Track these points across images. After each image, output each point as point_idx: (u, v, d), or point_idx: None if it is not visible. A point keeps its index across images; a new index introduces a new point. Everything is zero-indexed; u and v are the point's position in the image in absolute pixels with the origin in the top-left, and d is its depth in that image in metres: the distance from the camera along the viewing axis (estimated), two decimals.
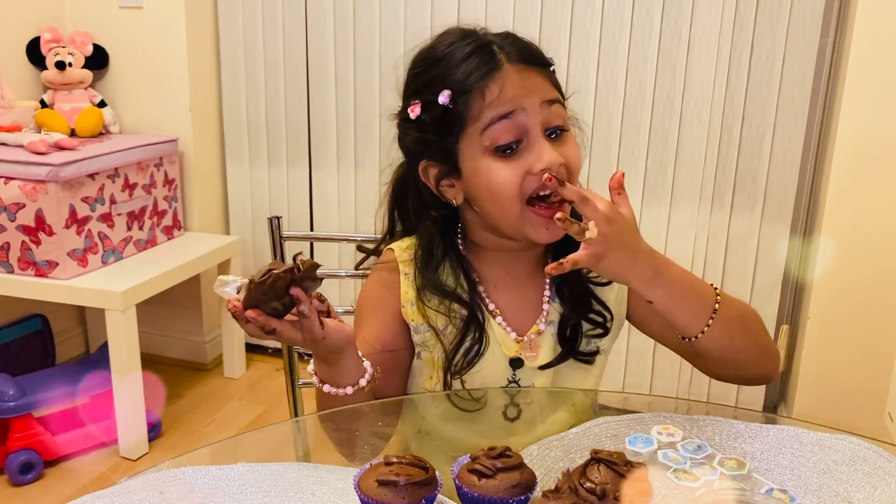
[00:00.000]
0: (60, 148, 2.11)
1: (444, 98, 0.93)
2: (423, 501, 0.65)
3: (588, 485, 0.64)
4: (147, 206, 2.34)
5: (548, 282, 1.04)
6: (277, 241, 1.27)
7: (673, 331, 0.93)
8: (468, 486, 0.68)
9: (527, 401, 1.03)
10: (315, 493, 0.77)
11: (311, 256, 2.48)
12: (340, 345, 0.85)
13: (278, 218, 1.27)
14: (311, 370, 0.90)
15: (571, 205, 0.87)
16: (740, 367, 0.97)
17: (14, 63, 2.38)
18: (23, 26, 2.40)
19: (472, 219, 1.02)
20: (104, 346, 2.11)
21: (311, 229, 2.58)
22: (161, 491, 0.76)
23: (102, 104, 2.44)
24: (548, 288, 1.04)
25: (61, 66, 2.36)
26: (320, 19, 2.39)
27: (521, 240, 0.98)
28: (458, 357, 0.99)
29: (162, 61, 2.44)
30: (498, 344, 1.01)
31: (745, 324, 0.94)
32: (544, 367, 1.02)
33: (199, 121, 2.51)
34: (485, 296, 1.02)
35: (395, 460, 0.66)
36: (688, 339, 0.91)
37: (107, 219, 2.19)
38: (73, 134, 2.31)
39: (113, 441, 2.11)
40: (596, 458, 0.67)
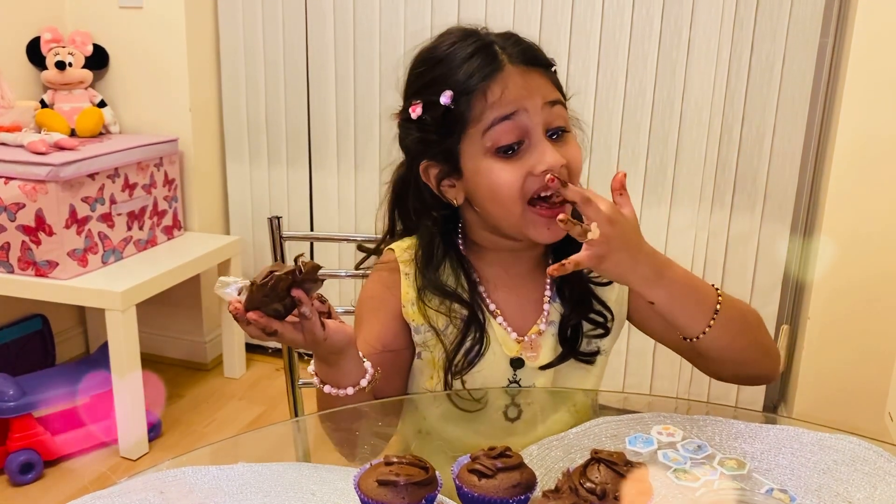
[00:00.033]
0: (60, 148, 2.11)
1: (446, 99, 0.93)
2: (423, 501, 0.65)
3: (588, 485, 0.64)
4: (147, 206, 2.34)
5: (548, 282, 1.04)
6: (277, 241, 1.27)
7: (674, 331, 0.93)
8: (468, 486, 0.68)
9: (527, 401, 1.03)
10: (315, 493, 0.77)
11: (311, 256, 2.48)
12: (341, 346, 0.85)
13: (278, 218, 1.27)
14: (312, 371, 0.90)
15: (573, 205, 0.87)
16: (741, 367, 0.97)
17: (14, 63, 2.38)
18: (23, 26, 2.40)
19: (473, 219, 1.02)
20: (104, 346, 2.11)
21: (311, 229, 2.58)
22: (161, 491, 0.76)
23: (102, 104, 2.44)
24: (548, 288, 1.04)
25: (61, 66, 2.36)
26: (320, 19, 2.39)
27: (522, 240, 0.98)
28: (459, 357, 0.99)
29: (162, 61, 2.44)
30: (498, 344, 1.01)
31: (746, 324, 0.94)
32: (545, 368, 1.02)
33: (199, 121, 2.51)
34: (485, 296, 1.02)
35: (396, 460, 0.66)
36: (689, 339, 0.91)
37: (107, 219, 2.19)
38: (73, 134, 2.31)
39: (113, 441, 2.11)
40: (596, 458, 0.67)
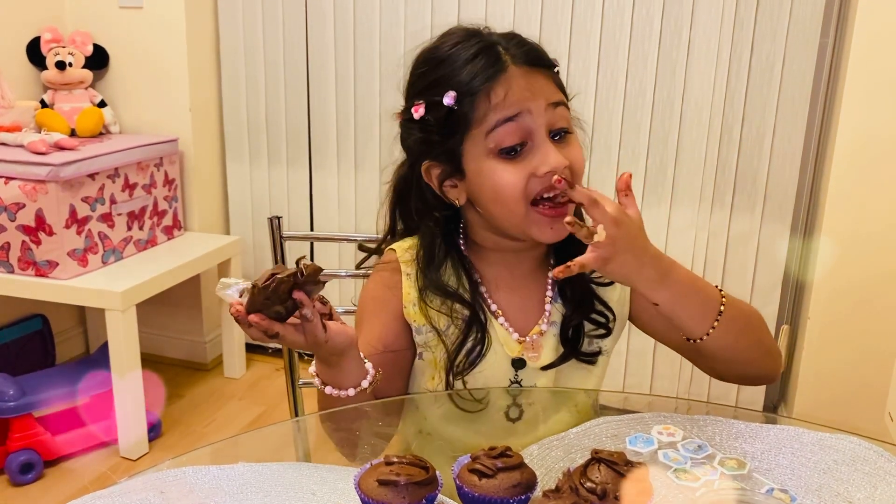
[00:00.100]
0: (60, 148, 2.11)
1: (449, 99, 0.92)
2: (423, 501, 0.65)
3: (588, 484, 0.64)
4: (147, 206, 2.34)
5: (550, 282, 1.04)
6: (277, 241, 1.27)
7: (676, 331, 0.93)
8: (469, 485, 0.68)
9: (529, 401, 1.03)
10: (315, 493, 0.77)
11: (312, 256, 2.48)
12: (342, 347, 0.85)
13: (278, 218, 1.27)
14: (313, 372, 0.90)
15: (576, 206, 0.86)
16: (743, 367, 0.97)
17: (14, 63, 2.38)
18: (23, 26, 2.40)
19: (475, 219, 1.02)
20: (104, 346, 2.11)
21: (311, 229, 2.58)
22: (161, 491, 0.76)
23: (102, 104, 2.44)
24: (550, 288, 1.04)
25: (61, 66, 2.36)
26: (320, 19, 2.39)
27: (524, 240, 0.98)
28: (461, 357, 0.99)
29: (162, 61, 2.44)
30: (500, 344, 1.01)
31: (748, 325, 0.94)
32: (546, 368, 1.02)
33: (199, 121, 2.51)
34: (487, 296, 1.02)
35: (396, 460, 0.66)
36: (693, 340, 0.91)
37: (107, 219, 2.19)
38: (73, 134, 2.31)
39: (113, 441, 2.11)
40: (596, 458, 0.67)
